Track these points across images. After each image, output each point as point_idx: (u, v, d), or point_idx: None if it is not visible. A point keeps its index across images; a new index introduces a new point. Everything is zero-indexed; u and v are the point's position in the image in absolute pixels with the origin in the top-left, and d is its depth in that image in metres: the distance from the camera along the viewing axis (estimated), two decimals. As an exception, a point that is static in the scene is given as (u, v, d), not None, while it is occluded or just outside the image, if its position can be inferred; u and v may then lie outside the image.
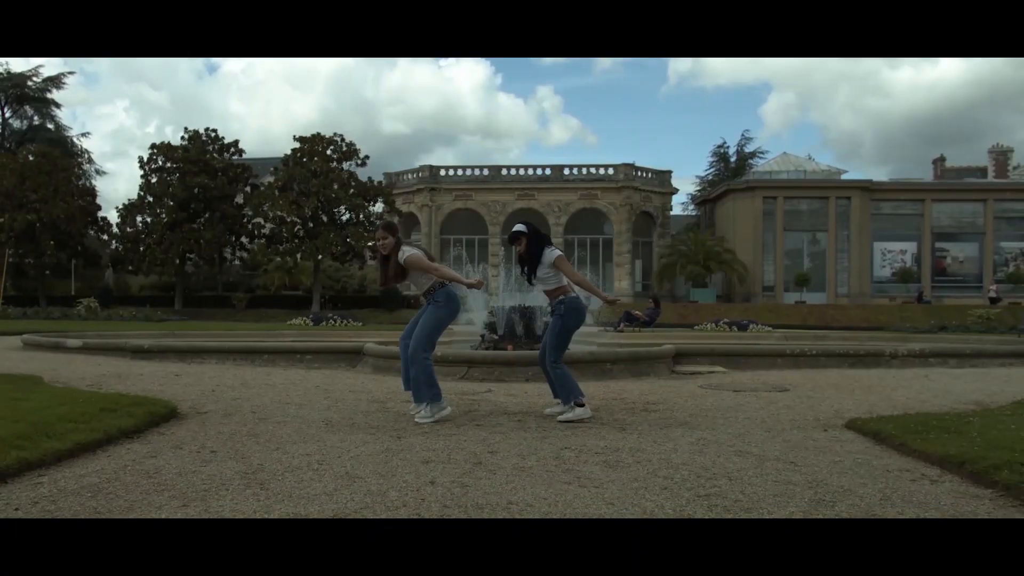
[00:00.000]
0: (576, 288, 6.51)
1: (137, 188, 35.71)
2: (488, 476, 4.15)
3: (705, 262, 39.09)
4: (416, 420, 5.90)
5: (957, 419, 5.58)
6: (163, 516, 3.34)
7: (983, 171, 50.32)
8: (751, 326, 24.26)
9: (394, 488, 3.87)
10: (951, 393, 7.97)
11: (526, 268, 6.40)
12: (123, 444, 4.96)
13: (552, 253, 6.30)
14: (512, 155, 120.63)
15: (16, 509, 3.45)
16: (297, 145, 35.34)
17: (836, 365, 10.82)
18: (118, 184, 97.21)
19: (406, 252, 6.19)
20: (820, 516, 3.43)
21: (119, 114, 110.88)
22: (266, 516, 3.36)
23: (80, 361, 10.80)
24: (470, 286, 6.52)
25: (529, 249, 6.33)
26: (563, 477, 4.14)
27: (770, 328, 24.31)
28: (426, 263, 6.22)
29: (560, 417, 6.14)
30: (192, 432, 5.41)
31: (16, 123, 53.69)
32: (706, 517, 3.39)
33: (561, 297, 6.36)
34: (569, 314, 6.38)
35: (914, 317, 31.44)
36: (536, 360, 8.25)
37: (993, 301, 36.67)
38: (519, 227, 6.44)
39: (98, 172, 53.52)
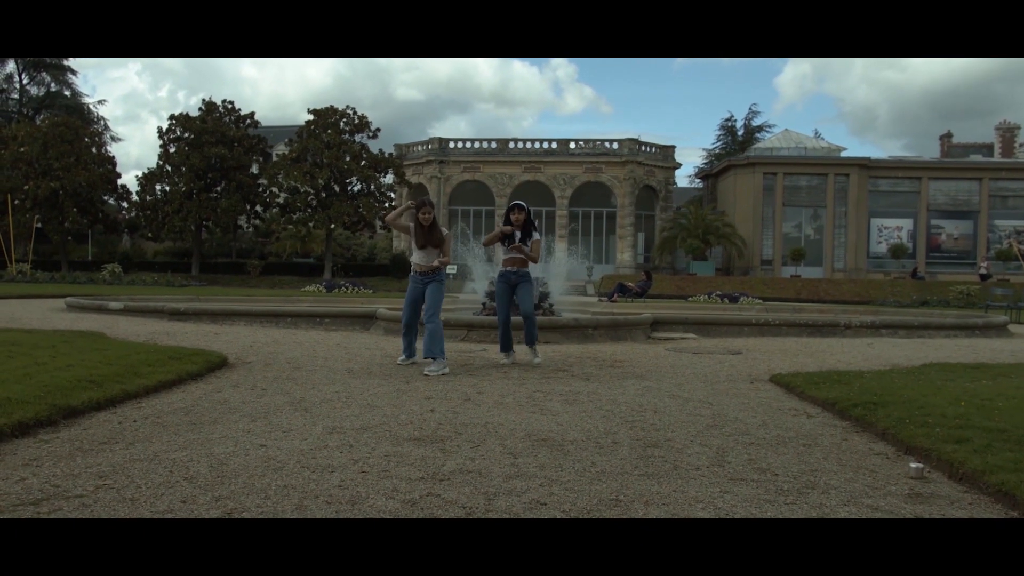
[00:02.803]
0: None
1: (150, 153, 37.72)
2: (474, 407, 5.52)
3: (705, 236, 40.33)
4: (425, 372, 7.26)
5: (855, 375, 6.93)
6: (241, 427, 4.71)
7: (989, 148, 51.23)
8: (742, 298, 25.61)
9: (404, 413, 5.24)
10: (879, 358, 9.29)
11: (519, 234, 7.96)
12: (192, 384, 6.35)
13: (536, 235, 7.87)
14: (525, 124, 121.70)
15: (135, 421, 4.83)
16: (311, 118, 36.62)
17: (796, 334, 12.16)
18: (130, 148, 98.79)
19: (446, 231, 7.94)
20: (708, 433, 4.78)
21: (131, 78, 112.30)
22: (313, 426, 4.73)
23: (125, 321, 12.21)
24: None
25: (527, 223, 7.93)
26: (530, 408, 5.51)
27: (759, 301, 25.67)
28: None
29: (535, 360, 7.91)
30: (243, 376, 6.80)
31: (33, 90, 55.04)
32: (626, 435, 4.74)
33: (527, 269, 7.97)
34: (531, 280, 8.25)
35: (903, 292, 32.71)
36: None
37: (984, 278, 37.83)
38: (522, 202, 8.09)
39: (113, 139, 54.98)
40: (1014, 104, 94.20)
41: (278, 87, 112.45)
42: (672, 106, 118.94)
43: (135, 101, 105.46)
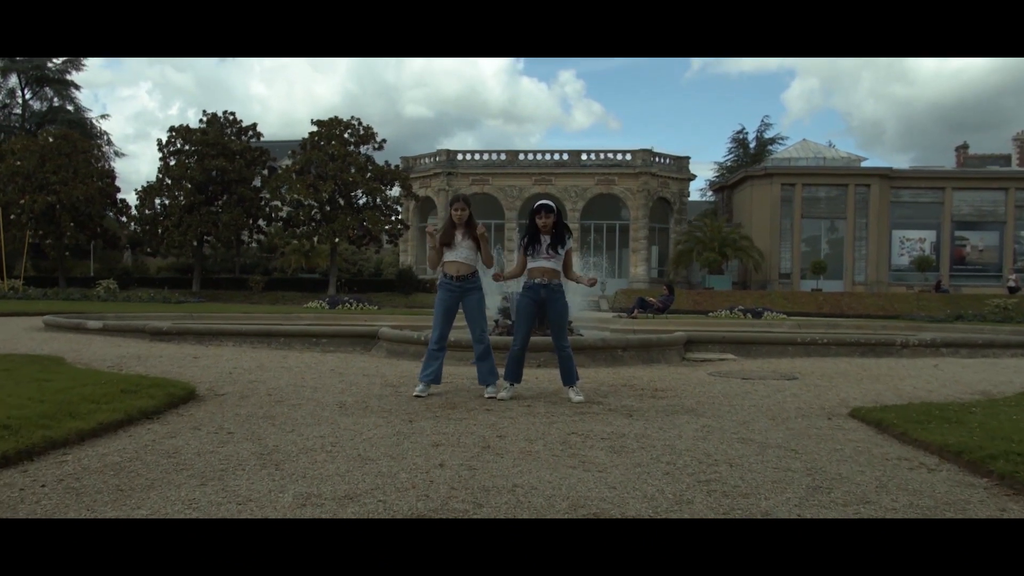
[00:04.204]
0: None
1: (156, 170, 35.98)
2: (495, 460, 4.27)
3: (721, 249, 38.99)
4: (493, 395, 6.55)
5: (960, 409, 5.66)
6: (182, 496, 3.48)
7: (1007, 159, 49.85)
8: (765, 313, 24.27)
9: (404, 470, 4.00)
10: (959, 383, 8.02)
11: (547, 240, 6.56)
12: (143, 425, 5.11)
13: (570, 241, 6.59)
14: (533, 140, 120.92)
15: (43, 486, 3.60)
16: (315, 129, 35.50)
17: (847, 354, 10.87)
18: (140, 166, 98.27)
19: (481, 229, 6.72)
20: (816, 502, 3.53)
21: (142, 96, 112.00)
22: (280, 495, 3.49)
23: (100, 342, 11.01)
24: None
25: (558, 227, 6.59)
26: (568, 461, 4.26)
27: (784, 316, 24.32)
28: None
29: (575, 398, 6.43)
30: (210, 414, 5.56)
31: (36, 105, 54.18)
32: (706, 505, 3.49)
33: (560, 280, 6.61)
34: (565, 297, 6.78)
35: (930, 306, 31.33)
36: (548, 346, 8.41)
37: (1012, 291, 36.43)
38: (550, 202, 6.67)
39: (117, 154, 54.09)
40: (1020, 118, 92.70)
41: (287, 105, 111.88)
42: (680, 121, 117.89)
43: (146, 119, 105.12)
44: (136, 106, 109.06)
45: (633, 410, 6.03)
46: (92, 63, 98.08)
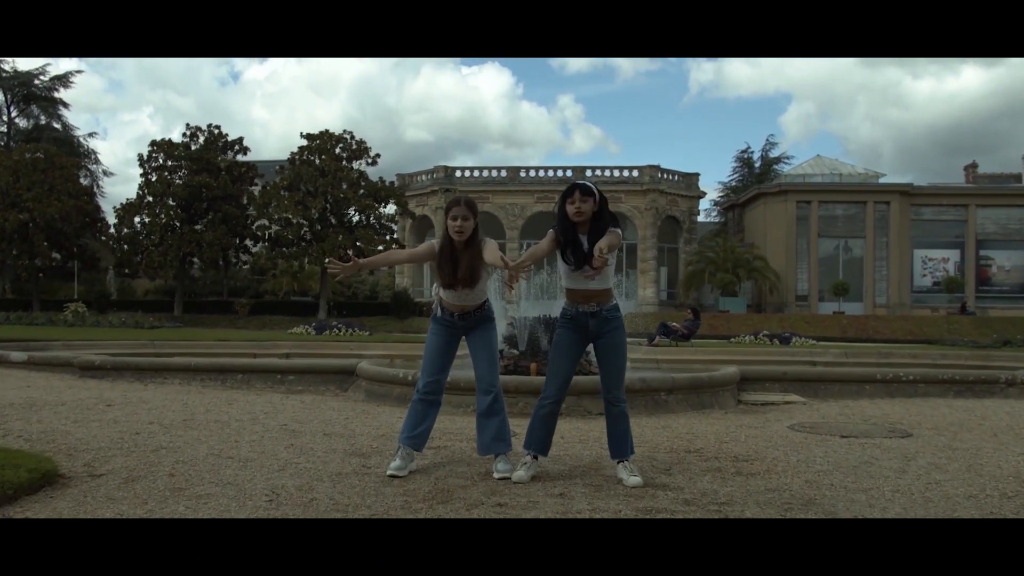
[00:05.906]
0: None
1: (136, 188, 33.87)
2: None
3: (735, 270, 36.93)
4: (506, 477, 4.38)
5: None
6: None
7: (1017, 177, 48.00)
8: (793, 339, 22.21)
9: None
10: None
11: (584, 241, 4.34)
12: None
13: (617, 231, 4.36)
14: (533, 163, 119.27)
15: None
16: (304, 143, 33.51)
17: (938, 393, 8.76)
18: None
19: (490, 243, 4.50)
20: None
21: (143, 120, 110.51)
22: None
23: (12, 380, 8.91)
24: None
25: (600, 217, 4.36)
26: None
27: (813, 341, 22.26)
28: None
29: (630, 480, 4.30)
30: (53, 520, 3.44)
31: (22, 122, 52.35)
32: None
33: (615, 302, 4.52)
34: (623, 326, 4.55)
35: (963, 330, 29.28)
36: (573, 387, 6.34)
37: (1043, 313, 34.35)
38: (588, 183, 4.37)
39: (105, 173, 52.13)
40: (1016, 140, 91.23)
41: (288, 129, 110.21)
42: (679, 145, 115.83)
43: (147, 143, 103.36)
44: (138, 130, 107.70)
45: (722, 503, 3.91)
46: (94, 87, 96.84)
